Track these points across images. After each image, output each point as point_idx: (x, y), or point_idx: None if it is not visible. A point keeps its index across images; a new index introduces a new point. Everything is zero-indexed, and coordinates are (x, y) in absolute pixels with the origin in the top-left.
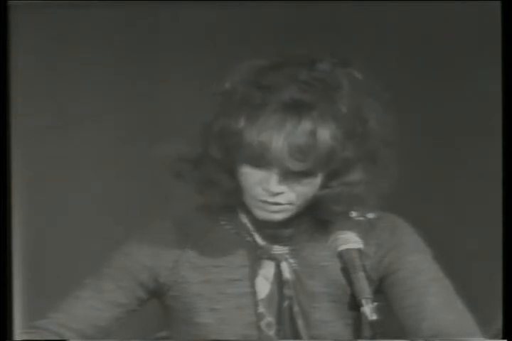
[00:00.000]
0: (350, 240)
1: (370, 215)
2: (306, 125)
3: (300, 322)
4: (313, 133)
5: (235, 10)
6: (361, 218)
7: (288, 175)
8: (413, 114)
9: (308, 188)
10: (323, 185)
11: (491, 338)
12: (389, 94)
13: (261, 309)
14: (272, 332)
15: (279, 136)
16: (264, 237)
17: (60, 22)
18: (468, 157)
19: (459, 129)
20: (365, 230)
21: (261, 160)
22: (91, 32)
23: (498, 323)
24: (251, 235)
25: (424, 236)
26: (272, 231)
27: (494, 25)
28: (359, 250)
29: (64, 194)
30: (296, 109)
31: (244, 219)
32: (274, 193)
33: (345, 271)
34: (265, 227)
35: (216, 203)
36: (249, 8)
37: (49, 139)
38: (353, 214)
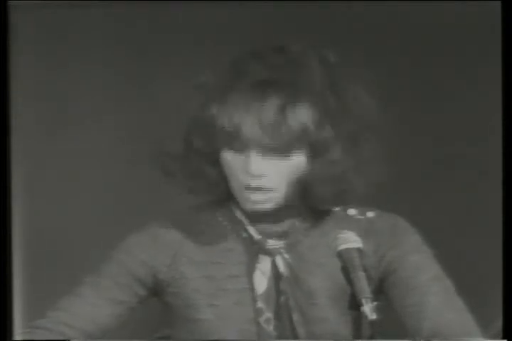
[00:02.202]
0: (349, 239)
1: (370, 214)
2: (273, 102)
3: (296, 318)
4: (281, 110)
5: (235, 10)
6: (361, 217)
7: (266, 155)
8: (413, 114)
9: (290, 170)
10: (309, 169)
11: (491, 338)
12: (370, 75)
13: (259, 304)
14: (271, 328)
15: (248, 116)
16: (260, 231)
17: (60, 22)
18: (468, 157)
19: (459, 129)
20: (364, 229)
21: (237, 142)
22: (91, 32)
23: (498, 323)
24: (246, 230)
25: (424, 236)
26: (266, 225)
27: (494, 25)
28: (359, 249)
29: (64, 194)
30: (262, 87)
31: (239, 213)
32: (254, 175)
33: (345, 270)
34: (259, 221)
35: (204, 196)
36: (249, 8)
37: (49, 139)
38: (353, 212)
